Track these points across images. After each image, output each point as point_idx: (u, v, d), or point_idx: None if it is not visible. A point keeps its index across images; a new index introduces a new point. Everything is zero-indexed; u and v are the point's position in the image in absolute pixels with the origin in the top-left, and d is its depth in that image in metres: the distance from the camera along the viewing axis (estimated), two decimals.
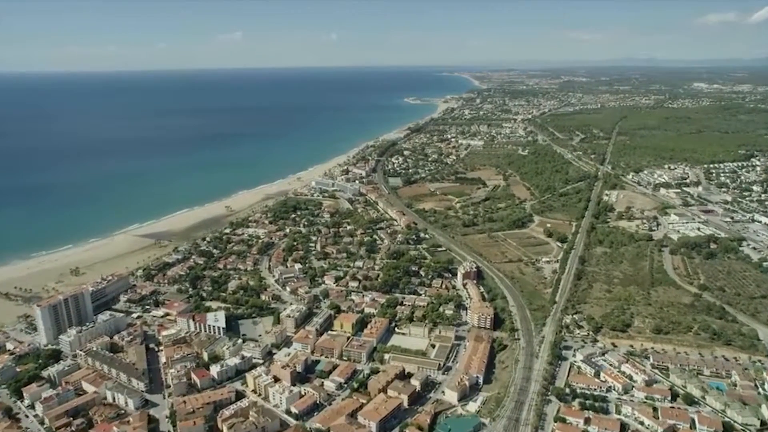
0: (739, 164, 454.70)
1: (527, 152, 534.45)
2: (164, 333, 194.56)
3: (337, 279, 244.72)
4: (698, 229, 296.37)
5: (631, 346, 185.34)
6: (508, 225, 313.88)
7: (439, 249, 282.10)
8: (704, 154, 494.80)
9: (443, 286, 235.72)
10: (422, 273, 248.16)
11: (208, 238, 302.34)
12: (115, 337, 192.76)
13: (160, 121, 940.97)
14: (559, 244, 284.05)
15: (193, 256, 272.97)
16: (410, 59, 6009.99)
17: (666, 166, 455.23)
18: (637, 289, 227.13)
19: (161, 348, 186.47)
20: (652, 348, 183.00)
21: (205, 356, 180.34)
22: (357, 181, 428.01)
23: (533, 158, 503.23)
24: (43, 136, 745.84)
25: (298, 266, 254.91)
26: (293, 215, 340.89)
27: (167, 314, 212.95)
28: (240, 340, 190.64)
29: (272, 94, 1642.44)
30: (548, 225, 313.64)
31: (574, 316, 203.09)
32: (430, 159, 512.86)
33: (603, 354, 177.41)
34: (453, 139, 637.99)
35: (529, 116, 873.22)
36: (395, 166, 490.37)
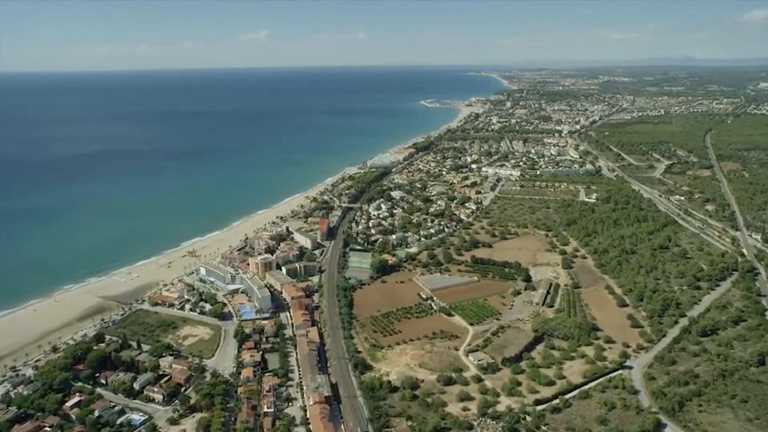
0: None
1: (595, 197, 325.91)
2: None
3: None
4: None
5: None
6: None
7: None
8: None
9: None
10: None
11: None
12: None
13: (86, 127, 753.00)
14: None
15: None
16: (437, 59, 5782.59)
17: None
18: None
19: None
20: None
21: None
22: (285, 268, 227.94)
23: (608, 212, 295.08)
24: None
25: None
26: (74, 402, 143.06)
27: None
28: None
29: (268, 95, 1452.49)
30: None
31: None
32: (432, 210, 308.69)
33: None
34: (474, 167, 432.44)
35: (577, 126, 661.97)
36: (371, 224, 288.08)
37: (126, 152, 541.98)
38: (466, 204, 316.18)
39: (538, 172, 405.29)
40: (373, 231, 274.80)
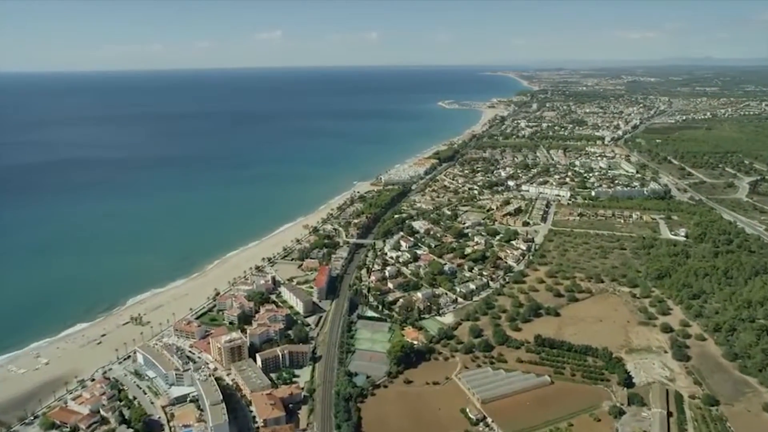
0: None
1: (684, 234, 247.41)
2: None
3: None
4: None
5: None
6: None
7: None
8: None
9: None
10: None
11: None
12: None
13: (67, 131, 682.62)
14: None
15: None
16: (451, 59, 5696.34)
17: None
18: None
19: None
20: None
21: None
22: (260, 357, 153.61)
23: (709, 257, 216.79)
24: None
25: None
26: None
27: None
28: None
29: (277, 95, 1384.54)
30: None
31: None
32: (470, 251, 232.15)
33: None
34: (512, 184, 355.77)
35: (619, 132, 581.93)
36: (388, 272, 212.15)
37: (97, 161, 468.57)
38: (513, 242, 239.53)
39: (593, 193, 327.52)
40: (390, 285, 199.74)
